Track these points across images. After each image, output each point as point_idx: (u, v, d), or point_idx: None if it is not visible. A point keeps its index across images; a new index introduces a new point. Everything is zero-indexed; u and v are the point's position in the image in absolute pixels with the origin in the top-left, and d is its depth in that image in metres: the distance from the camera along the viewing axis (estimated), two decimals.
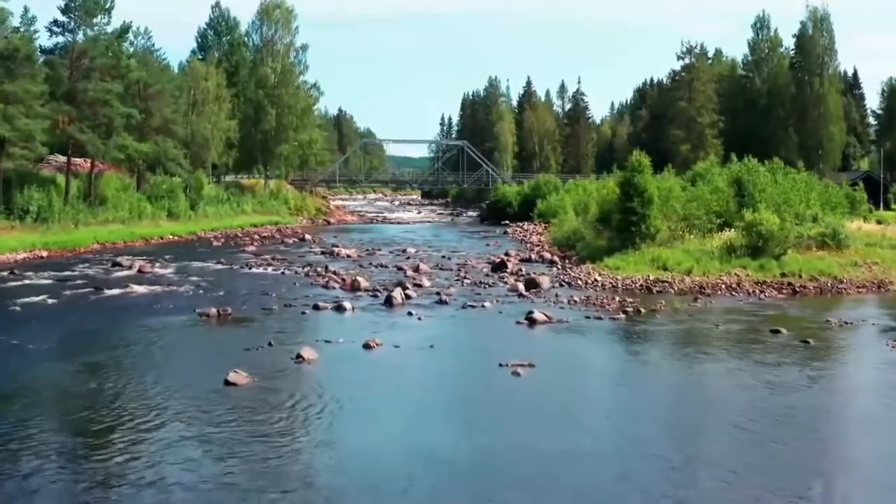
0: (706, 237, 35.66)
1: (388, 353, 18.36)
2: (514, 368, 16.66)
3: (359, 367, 17.39)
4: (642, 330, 21.68)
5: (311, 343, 18.77)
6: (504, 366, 16.90)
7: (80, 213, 48.87)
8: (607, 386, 16.97)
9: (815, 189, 43.14)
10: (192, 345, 19.66)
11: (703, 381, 16.88)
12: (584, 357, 19.19)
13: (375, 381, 16.25)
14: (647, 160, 35.24)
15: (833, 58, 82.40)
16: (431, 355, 18.50)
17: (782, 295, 28.37)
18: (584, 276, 31.19)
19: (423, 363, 17.88)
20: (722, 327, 21.91)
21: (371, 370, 17.20)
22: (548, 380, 16.48)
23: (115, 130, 51.06)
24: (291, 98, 75.66)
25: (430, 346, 19.01)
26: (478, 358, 18.51)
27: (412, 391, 15.82)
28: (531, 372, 16.59)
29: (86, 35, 51.41)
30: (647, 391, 16.41)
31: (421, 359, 18.15)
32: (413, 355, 18.31)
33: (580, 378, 17.21)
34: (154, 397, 14.72)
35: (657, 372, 17.82)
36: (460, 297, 26.65)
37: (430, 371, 17.42)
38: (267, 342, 18.91)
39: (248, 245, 47.24)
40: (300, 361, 17.17)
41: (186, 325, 21.75)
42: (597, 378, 17.47)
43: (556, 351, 19.42)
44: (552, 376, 16.78)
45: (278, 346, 18.67)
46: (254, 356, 17.73)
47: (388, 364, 17.50)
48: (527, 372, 16.58)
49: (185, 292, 28.14)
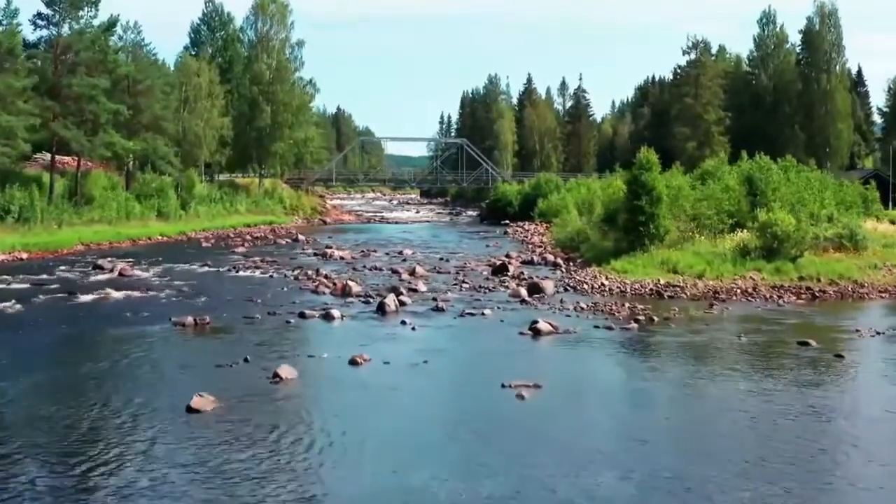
0: (717, 238, 33.94)
1: (376, 372, 16.40)
2: (518, 390, 14.73)
3: (342, 390, 15.39)
4: (658, 342, 19.77)
5: (291, 358, 16.92)
6: (507, 387, 14.95)
7: (65, 212, 47.14)
8: (626, 412, 14.65)
9: (830, 188, 41.36)
10: (160, 360, 17.67)
11: (736, 406, 14.60)
12: (596, 376, 17.12)
13: (359, 408, 14.12)
14: (654, 157, 33.49)
15: (841, 54, 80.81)
16: (425, 374, 16.50)
17: (801, 300, 26.64)
18: (590, 279, 29.40)
19: (416, 384, 15.88)
20: (744, 338, 20.02)
21: (355, 393, 15.11)
22: (557, 404, 14.53)
23: (101, 127, 49.31)
24: (287, 95, 73.88)
25: (423, 363, 17.02)
26: (477, 377, 16.56)
27: (402, 421, 13.58)
28: (538, 395, 14.64)
29: (71, 28, 49.68)
30: (673, 418, 14.28)
31: (413, 378, 16.16)
32: (404, 374, 16.33)
33: (593, 402, 15.14)
34: (102, 428, 12.83)
35: (681, 394, 15.71)
36: (458, 304, 24.84)
37: (423, 394, 15.34)
38: (243, 357, 16.99)
39: (239, 246, 45.42)
40: (276, 382, 15.25)
41: (159, 336, 19.89)
42: (612, 402, 15.24)
43: (564, 368, 17.46)
44: (562, 400, 14.83)
45: (255, 362, 16.76)
46: (226, 375, 15.83)
47: (375, 385, 15.49)
48: (533, 395, 14.63)
49: (165, 298, 26.34)
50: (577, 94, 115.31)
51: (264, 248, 45.95)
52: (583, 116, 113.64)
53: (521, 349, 18.82)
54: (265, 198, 73.29)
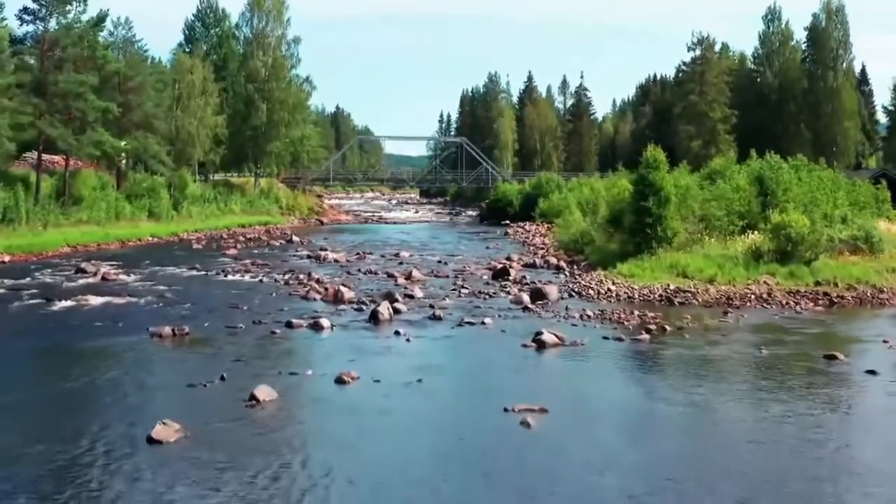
0: (727, 240, 32.46)
1: (364, 392, 14.81)
2: (522, 415, 13.15)
3: (324, 415, 13.80)
4: (673, 356, 18.21)
5: (272, 376, 15.36)
6: (510, 411, 13.37)
7: (51, 213, 45.57)
8: (646, 443, 12.67)
9: (843, 187, 39.86)
10: (128, 379, 16.06)
11: (772, 436, 12.82)
12: (609, 397, 15.35)
13: (343, 439, 12.46)
14: (662, 155, 32.03)
15: (848, 51, 79.26)
16: (419, 395, 14.87)
17: (819, 307, 25.19)
18: (595, 284, 27.91)
19: (408, 407, 14.23)
20: (766, 352, 18.46)
21: (339, 420, 13.48)
22: (567, 433, 12.90)
23: (89, 125, 47.75)
24: (283, 92, 72.32)
25: (417, 381, 15.41)
26: (477, 399, 14.93)
27: (391, 455, 11.94)
28: (545, 421, 13.03)
29: (59, 24, 48.11)
30: (702, 451, 12.45)
31: (405, 400, 14.54)
32: (396, 395, 14.72)
33: (607, 430, 13.37)
34: (44, 462, 11.20)
35: (706, 420, 13.89)
36: (457, 311, 23.33)
37: (415, 421, 13.56)
38: (219, 375, 15.40)
39: (231, 248, 43.89)
40: (252, 405, 13.68)
41: (133, 349, 18.35)
42: (629, 431, 13.40)
43: (572, 388, 15.80)
44: (572, 428, 13.22)
45: (231, 380, 15.18)
46: (197, 396, 14.29)
47: (362, 408, 13.90)
48: (539, 421, 13.01)
49: (146, 305, 24.85)
50: (578, 92, 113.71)
51: (257, 249, 44.43)
52: (584, 115, 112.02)
53: (525, 365, 17.23)
54: (261, 198, 71.79)
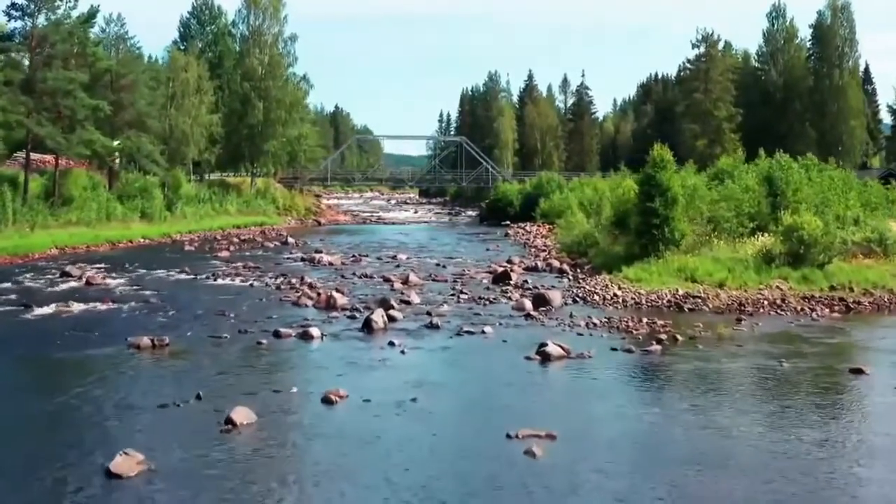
0: (736, 243, 31.23)
1: (352, 413, 13.53)
2: (527, 443, 11.85)
3: (307, 441, 12.46)
4: (688, 371, 16.92)
5: (253, 394, 14.10)
6: (513, 437, 12.09)
7: (39, 214, 44.35)
8: (664, 475, 11.04)
9: (854, 188, 38.62)
10: (96, 396, 14.73)
11: (807, 467, 11.32)
12: (621, 420, 13.73)
13: (325, 472, 11.03)
14: (669, 154, 30.79)
15: (853, 49, 78.03)
16: (412, 417, 13.48)
17: (836, 313, 23.98)
18: (600, 289, 26.67)
19: (400, 432, 12.77)
20: (787, 365, 17.16)
21: (323, 447, 12.13)
22: (576, 464, 11.53)
23: (79, 124, 46.49)
24: (279, 91, 71.07)
25: (411, 401, 14.08)
26: (476, 422, 13.57)
27: (377, 491, 10.42)
28: (552, 449, 11.72)
29: (48, 20, 46.88)
30: (727, 485, 10.80)
31: (397, 423, 13.19)
32: (387, 417, 13.41)
33: (621, 460, 11.85)
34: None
35: (732, 447, 12.25)
36: (455, 319, 22.10)
37: (407, 449, 12.03)
38: (195, 393, 14.12)
39: (223, 250, 42.63)
40: (227, 430, 12.38)
41: (107, 362, 17.11)
42: (645, 460, 11.87)
43: (581, 409, 14.43)
44: (583, 458, 11.84)
45: (208, 399, 13.90)
46: (168, 419, 13.02)
47: (349, 434, 12.59)
48: (546, 449, 11.68)
49: (128, 311, 23.61)
50: (579, 90, 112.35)
51: (250, 251, 43.18)
52: (585, 114, 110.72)
53: (529, 381, 15.93)
54: (257, 198, 70.62)
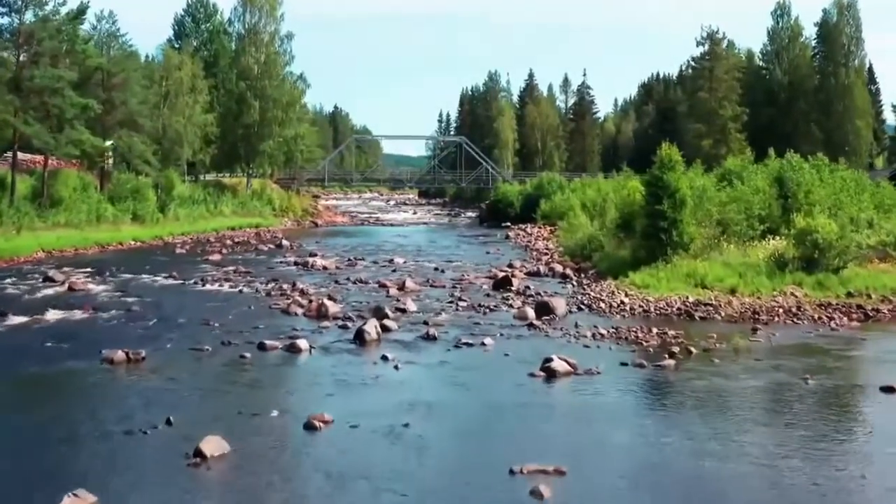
0: (746, 246, 29.98)
1: (337, 442, 12.15)
2: (533, 480, 10.41)
3: (283, 478, 10.89)
4: (706, 389, 15.53)
5: (229, 418, 12.76)
6: (517, 473, 10.70)
7: (26, 216, 43.05)
8: None
9: (867, 189, 37.35)
10: (58, 421, 13.32)
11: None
12: (638, 451, 12.21)
13: None
14: (677, 154, 29.55)
15: (860, 47, 76.86)
16: (404, 447, 12.10)
17: (854, 322, 22.70)
18: (606, 296, 25.39)
19: (388, 467, 11.29)
20: (812, 382, 15.82)
21: (300, 485, 10.67)
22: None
23: (68, 123, 45.19)
24: (276, 90, 69.88)
25: (403, 426, 12.71)
26: (475, 454, 12.12)
27: None
28: (561, 487, 10.27)
29: (36, 16, 45.60)
30: None
31: (387, 455, 11.76)
32: (376, 447, 12.01)
33: (643, 500, 10.39)
34: None
35: (765, 487, 10.73)
36: (454, 329, 20.80)
37: (395, 487, 10.52)
38: (165, 418, 12.76)
39: (215, 253, 41.28)
40: (196, 463, 10.98)
41: (76, 379, 15.81)
42: (672, 502, 10.37)
43: (592, 437, 12.95)
44: (595, 496, 10.44)
45: (179, 425, 12.53)
46: (131, 449, 11.65)
47: (332, 468, 11.16)
48: (554, 488, 10.20)
49: (108, 320, 22.31)
50: (580, 90, 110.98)
51: (243, 254, 41.88)
52: (587, 114, 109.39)
53: (533, 402, 14.55)
54: (253, 199, 69.41)
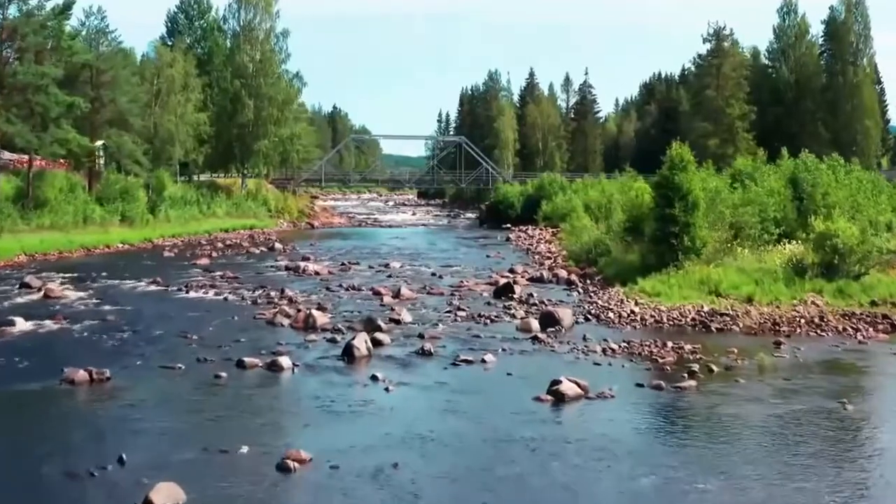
0: (761, 251, 28.38)
1: (313, 488, 10.43)
2: None
3: None
4: (735, 417, 13.80)
5: (191, 454, 11.11)
6: None
7: (9, 218, 41.43)
8: None
9: (885, 191, 35.70)
10: None
11: None
12: (667, 499, 10.44)
13: None
14: (689, 154, 27.92)
15: (868, 46, 75.10)
16: (390, 495, 10.30)
17: (882, 333, 21.13)
18: (615, 305, 23.77)
19: None
20: (851, 407, 14.21)
21: None
22: None
23: (53, 121, 43.59)
24: (271, 88, 68.19)
25: (392, 466, 11.04)
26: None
27: None
28: None
29: (20, 11, 44.05)
30: None
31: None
32: (357, 495, 10.25)
33: None
34: None
35: None
36: (451, 343, 19.16)
37: None
38: (118, 455, 11.04)
39: (204, 257, 39.60)
40: None
41: (30, 402, 14.15)
42: None
43: (610, 480, 11.13)
44: None
45: (132, 464, 10.82)
46: (73, 497, 9.99)
47: None
48: None
49: (79, 332, 20.65)
50: (582, 89, 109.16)
51: (233, 258, 40.21)
52: (588, 113, 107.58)
53: (540, 435, 12.76)
54: (247, 200, 67.67)
